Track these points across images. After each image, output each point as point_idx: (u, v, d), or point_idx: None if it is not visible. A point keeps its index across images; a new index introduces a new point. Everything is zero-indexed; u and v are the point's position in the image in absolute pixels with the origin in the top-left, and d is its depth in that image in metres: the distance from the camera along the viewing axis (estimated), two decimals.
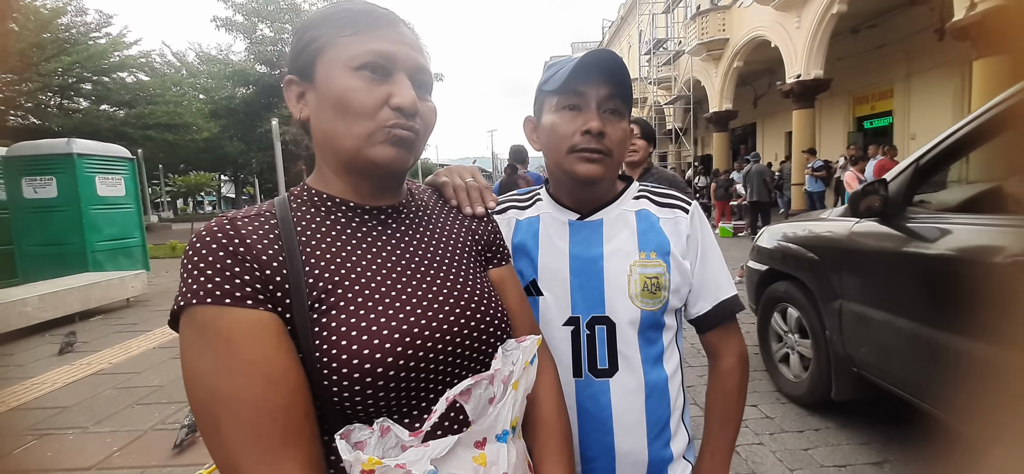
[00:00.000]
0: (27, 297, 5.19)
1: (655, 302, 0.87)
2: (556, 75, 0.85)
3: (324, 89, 0.62)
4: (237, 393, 0.50)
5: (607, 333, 0.87)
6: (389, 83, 0.62)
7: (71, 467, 2.60)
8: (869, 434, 2.63)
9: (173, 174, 31.24)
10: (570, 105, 0.85)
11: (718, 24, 15.78)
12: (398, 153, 0.63)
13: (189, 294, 0.52)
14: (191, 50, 27.49)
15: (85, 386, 3.71)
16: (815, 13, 11.52)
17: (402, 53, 0.63)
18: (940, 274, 1.89)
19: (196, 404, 0.52)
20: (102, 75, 19.56)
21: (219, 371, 0.51)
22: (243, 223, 0.58)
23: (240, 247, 0.55)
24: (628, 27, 27.67)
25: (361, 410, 0.56)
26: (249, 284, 0.54)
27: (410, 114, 0.62)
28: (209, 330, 0.52)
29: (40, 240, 7.03)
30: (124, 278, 6.55)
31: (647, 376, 0.88)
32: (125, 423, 3.07)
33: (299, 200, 0.66)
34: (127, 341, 4.87)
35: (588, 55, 0.82)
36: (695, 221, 0.93)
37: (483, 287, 0.71)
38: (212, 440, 0.51)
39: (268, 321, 0.53)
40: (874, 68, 12.91)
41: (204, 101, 23.07)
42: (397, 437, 0.55)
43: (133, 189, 7.95)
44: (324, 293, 0.58)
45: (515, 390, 0.62)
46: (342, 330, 0.56)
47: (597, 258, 0.89)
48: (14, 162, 6.95)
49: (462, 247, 0.75)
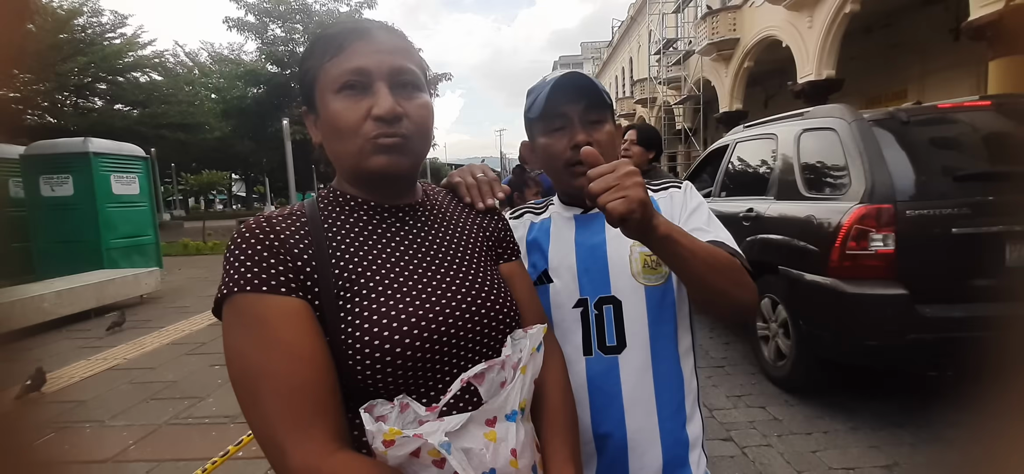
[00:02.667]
0: (44, 293, 5.30)
1: (657, 277, 0.93)
2: (536, 102, 0.92)
3: (323, 116, 0.68)
4: (273, 369, 0.56)
5: (614, 312, 0.93)
6: (369, 96, 0.66)
7: (89, 459, 2.66)
8: (879, 437, 2.61)
9: (185, 173, 31.55)
10: (556, 127, 0.93)
11: (729, 24, 15.66)
12: (390, 159, 0.67)
13: (231, 283, 0.59)
14: (203, 50, 27.77)
15: (101, 381, 3.79)
16: (827, 13, 11.39)
17: (375, 62, 0.67)
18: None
19: (235, 379, 0.58)
20: (117, 75, 19.84)
21: (257, 349, 0.57)
22: (278, 221, 0.65)
23: (275, 242, 0.62)
24: (638, 27, 27.55)
25: (382, 388, 0.61)
26: (283, 274, 0.60)
27: (391, 120, 0.66)
28: (248, 314, 0.58)
29: (57, 237, 7.16)
30: (138, 275, 6.65)
31: (656, 353, 0.92)
32: (140, 417, 3.12)
33: (326, 200, 0.72)
34: (141, 337, 4.95)
35: (559, 80, 0.90)
36: (688, 192, 0.99)
37: (494, 280, 0.76)
38: (250, 410, 0.57)
39: (299, 307, 0.60)
40: (887, 68, 12.75)
41: (216, 101, 23.30)
42: (415, 412, 0.61)
43: (147, 187, 8.07)
44: (349, 283, 0.64)
45: (523, 374, 0.65)
46: (365, 315, 0.62)
47: (600, 244, 0.95)
48: (32, 161, 7.08)
49: (475, 243, 0.80)
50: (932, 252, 2.50)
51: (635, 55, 28.74)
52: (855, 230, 2.57)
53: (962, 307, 2.42)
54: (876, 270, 2.55)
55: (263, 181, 29.83)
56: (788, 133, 3.46)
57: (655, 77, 22.47)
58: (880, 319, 2.55)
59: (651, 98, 24.04)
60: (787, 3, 12.33)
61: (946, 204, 2.48)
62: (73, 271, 6.53)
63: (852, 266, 2.59)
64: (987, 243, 2.46)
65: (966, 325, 2.36)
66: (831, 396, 3.08)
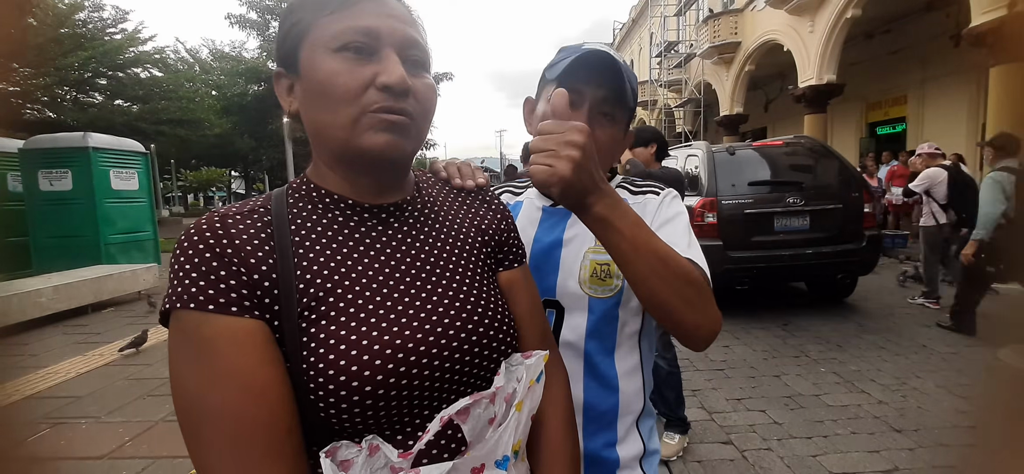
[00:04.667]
0: (42, 288, 5.27)
1: (605, 290, 0.86)
2: (560, 63, 0.83)
3: (308, 77, 0.57)
4: (218, 405, 0.48)
5: (555, 318, 0.88)
6: (375, 62, 0.56)
7: (84, 455, 2.64)
8: (879, 441, 2.61)
9: (185, 169, 31.53)
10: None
11: (730, 27, 15.67)
12: (390, 139, 0.57)
13: (174, 297, 0.50)
14: (205, 46, 27.73)
15: (97, 377, 3.77)
16: (829, 17, 11.41)
17: (388, 27, 0.57)
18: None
19: (179, 411, 0.49)
20: (117, 70, 19.76)
21: (200, 381, 0.48)
22: (233, 222, 0.54)
23: (228, 249, 0.52)
24: (639, 29, 27.56)
25: (349, 426, 0.52)
26: (235, 290, 0.51)
27: (400, 93, 0.56)
28: (193, 337, 0.49)
29: (55, 232, 7.13)
30: (136, 271, 6.63)
31: (591, 368, 0.87)
32: (136, 414, 3.11)
33: (297, 194, 0.61)
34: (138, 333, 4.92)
35: (590, 53, 0.80)
36: (664, 202, 0.90)
37: (489, 294, 0.66)
38: (193, 450, 0.49)
39: (253, 329, 0.50)
40: (888, 74, 12.77)
41: (216, 98, 23.24)
42: (386, 457, 0.51)
43: (146, 183, 8.04)
44: (315, 300, 0.54)
45: (518, 411, 0.56)
46: (331, 342, 0.52)
47: (556, 244, 0.89)
48: (31, 155, 7.06)
49: (470, 247, 0.69)
50: (735, 223, 4.79)
51: (636, 58, 28.73)
52: (698, 212, 4.78)
53: (751, 253, 4.78)
54: (708, 232, 4.73)
55: (262, 178, 29.78)
56: (683, 155, 5.62)
57: (656, 80, 22.47)
58: (710, 259, 3.54)
59: (652, 101, 24.04)
60: (789, 7, 12.33)
61: (743, 197, 4.86)
62: (71, 266, 6.51)
63: (697, 231, 3.72)
64: (764, 218, 4.84)
65: (753, 261, 4.78)
66: (832, 400, 3.08)
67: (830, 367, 3.67)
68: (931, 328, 4.48)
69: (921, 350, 3.95)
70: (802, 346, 4.15)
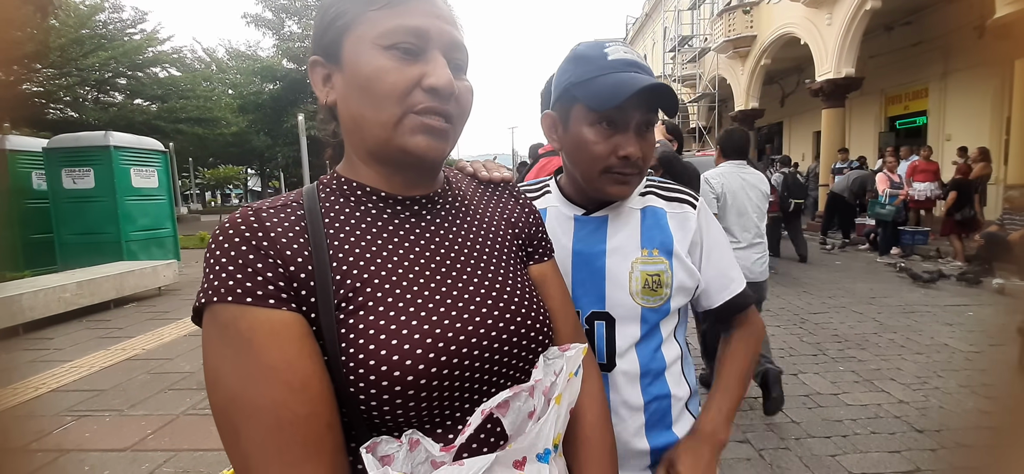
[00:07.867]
0: (66, 284, 5.40)
1: (656, 300, 0.87)
2: (593, 83, 0.80)
3: (351, 71, 0.57)
4: (256, 401, 0.47)
5: (606, 329, 0.88)
6: (422, 62, 0.57)
7: (107, 448, 2.70)
8: (899, 441, 2.56)
9: (202, 167, 32.02)
10: (608, 120, 0.82)
11: (745, 21, 15.44)
12: (432, 142, 0.58)
13: (210, 291, 0.49)
14: (221, 46, 28.11)
15: (120, 371, 3.85)
16: (847, 9, 11.18)
17: (437, 28, 0.57)
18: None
19: (215, 406, 0.49)
20: (136, 70, 20.15)
21: (238, 376, 0.47)
22: (268, 215, 0.54)
23: (264, 241, 0.51)
24: (652, 23, 27.30)
25: (389, 420, 0.51)
26: (272, 282, 0.50)
27: (445, 96, 0.57)
28: (230, 331, 0.48)
29: (78, 229, 7.30)
30: (156, 267, 6.75)
31: (644, 368, 0.89)
32: (158, 407, 3.17)
33: (328, 189, 0.61)
34: (159, 328, 5.02)
35: (643, 89, 0.77)
36: (702, 218, 0.92)
37: (524, 287, 0.65)
38: (231, 448, 0.48)
39: (291, 322, 0.50)
40: (908, 66, 12.48)
41: (233, 96, 23.61)
42: (428, 451, 0.50)
43: (165, 181, 8.18)
44: (352, 291, 0.53)
45: (557, 404, 0.56)
46: (370, 333, 0.51)
47: (599, 254, 0.89)
48: (55, 153, 7.23)
49: (502, 240, 0.69)
50: None
51: (649, 52, 28.47)
52: None
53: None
54: None
55: (278, 176, 30.16)
56: None
57: (669, 75, 22.26)
58: None
59: None
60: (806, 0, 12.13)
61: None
62: (94, 262, 6.66)
63: None
64: None
65: None
66: (851, 399, 3.03)
67: (849, 365, 3.61)
68: (953, 327, 4.39)
69: (943, 349, 3.88)
70: (820, 344, 4.09)
